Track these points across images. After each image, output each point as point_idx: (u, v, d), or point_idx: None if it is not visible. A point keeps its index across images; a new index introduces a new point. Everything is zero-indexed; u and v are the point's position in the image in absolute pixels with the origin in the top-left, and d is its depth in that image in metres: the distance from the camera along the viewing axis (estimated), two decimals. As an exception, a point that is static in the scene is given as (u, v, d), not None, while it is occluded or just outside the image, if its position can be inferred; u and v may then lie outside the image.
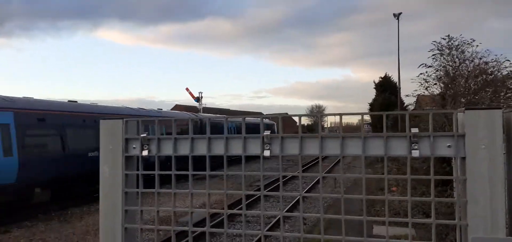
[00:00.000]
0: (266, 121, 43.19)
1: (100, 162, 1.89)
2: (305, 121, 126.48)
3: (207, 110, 51.84)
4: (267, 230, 11.04)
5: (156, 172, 1.82)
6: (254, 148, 1.71)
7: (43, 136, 15.39)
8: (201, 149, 1.78)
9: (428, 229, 7.56)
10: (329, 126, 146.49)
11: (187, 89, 43.58)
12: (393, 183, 16.33)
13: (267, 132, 1.67)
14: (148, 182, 1.85)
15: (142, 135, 1.84)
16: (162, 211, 1.91)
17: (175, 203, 1.83)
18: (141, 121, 1.90)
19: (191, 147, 1.78)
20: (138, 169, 1.89)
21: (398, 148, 1.54)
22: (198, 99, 42.46)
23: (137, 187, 1.87)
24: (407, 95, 36.92)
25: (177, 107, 69.75)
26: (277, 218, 12.38)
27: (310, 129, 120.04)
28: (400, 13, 27.98)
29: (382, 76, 46.69)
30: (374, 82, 47.24)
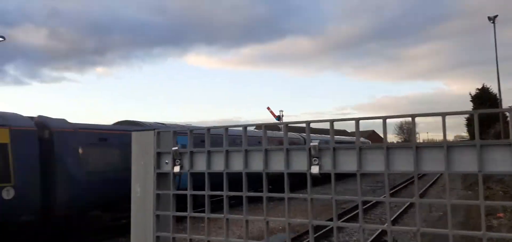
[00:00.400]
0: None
1: (132, 181, 1.69)
2: (394, 138, 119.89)
3: (289, 128, 51.68)
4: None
5: (188, 192, 1.56)
6: (299, 162, 1.36)
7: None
8: (237, 164, 1.48)
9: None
10: (421, 142, 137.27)
11: (268, 108, 44.02)
12: (499, 209, 14.32)
13: (315, 143, 1.31)
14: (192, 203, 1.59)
15: (173, 149, 1.60)
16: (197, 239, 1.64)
17: (209, 230, 1.54)
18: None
19: (225, 162, 1.49)
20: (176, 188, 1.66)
21: (499, 161, 1.07)
22: (279, 118, 42.52)
23: (172, 209, 1.63)
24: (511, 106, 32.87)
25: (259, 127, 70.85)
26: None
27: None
28: (495, 16, 25.08)
29: (479, 87, 42.45)
30: (470, 94, 43.11)
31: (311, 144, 1.31)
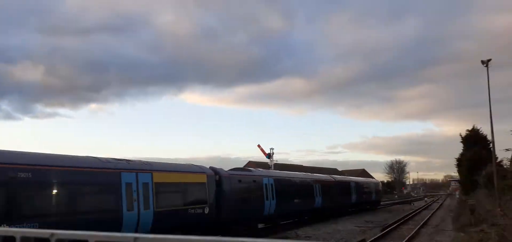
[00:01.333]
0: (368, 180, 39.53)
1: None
2: (384, 178, 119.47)
3: (279, 166, 50.86)
4: None
5: None
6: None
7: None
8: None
9: None
10: (411, 183, 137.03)
11: (258, 146, 43.28)
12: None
13: None
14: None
15: None
16: None
17: None
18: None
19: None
20: None
21: None
22: (269, 156, 41.71)
23: None
24: (507, 149, 32.41)
25: (249, 163, 69.89)
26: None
27: (389, 186, 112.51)
28: (489, 60, 25.26)
29: (470, 129, 42.67)
30: (460, 135, 43.33)
31: None
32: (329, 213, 31.93)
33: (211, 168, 19.63)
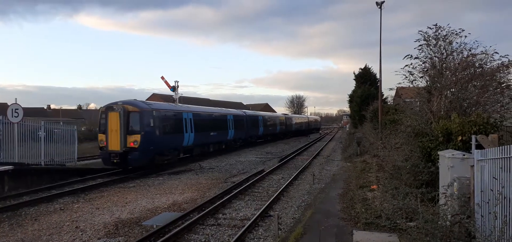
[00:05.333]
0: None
1: None
2: (286, 110, 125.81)
3: (185, 100, 50.10)
4: (241, 234, 9.90)
5: None
6: None
7: None
8: None
9: (413, 237, 6.22)
10: (309, 115, 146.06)
11: (162, 77, 41.58)
12: (373, 181, 15.50)
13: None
14: None
15: None
16: None
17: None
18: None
19: None
20: None
21: None
22: (174, 88, 40.56)
23: None
24: (390, 89, 35.90)
25: (154, 96, 67.71)
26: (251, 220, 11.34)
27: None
28: (383, 1, 26.98)
29: (363, 67, 46.07)
30: (354, 73, 46.54)
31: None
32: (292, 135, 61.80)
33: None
